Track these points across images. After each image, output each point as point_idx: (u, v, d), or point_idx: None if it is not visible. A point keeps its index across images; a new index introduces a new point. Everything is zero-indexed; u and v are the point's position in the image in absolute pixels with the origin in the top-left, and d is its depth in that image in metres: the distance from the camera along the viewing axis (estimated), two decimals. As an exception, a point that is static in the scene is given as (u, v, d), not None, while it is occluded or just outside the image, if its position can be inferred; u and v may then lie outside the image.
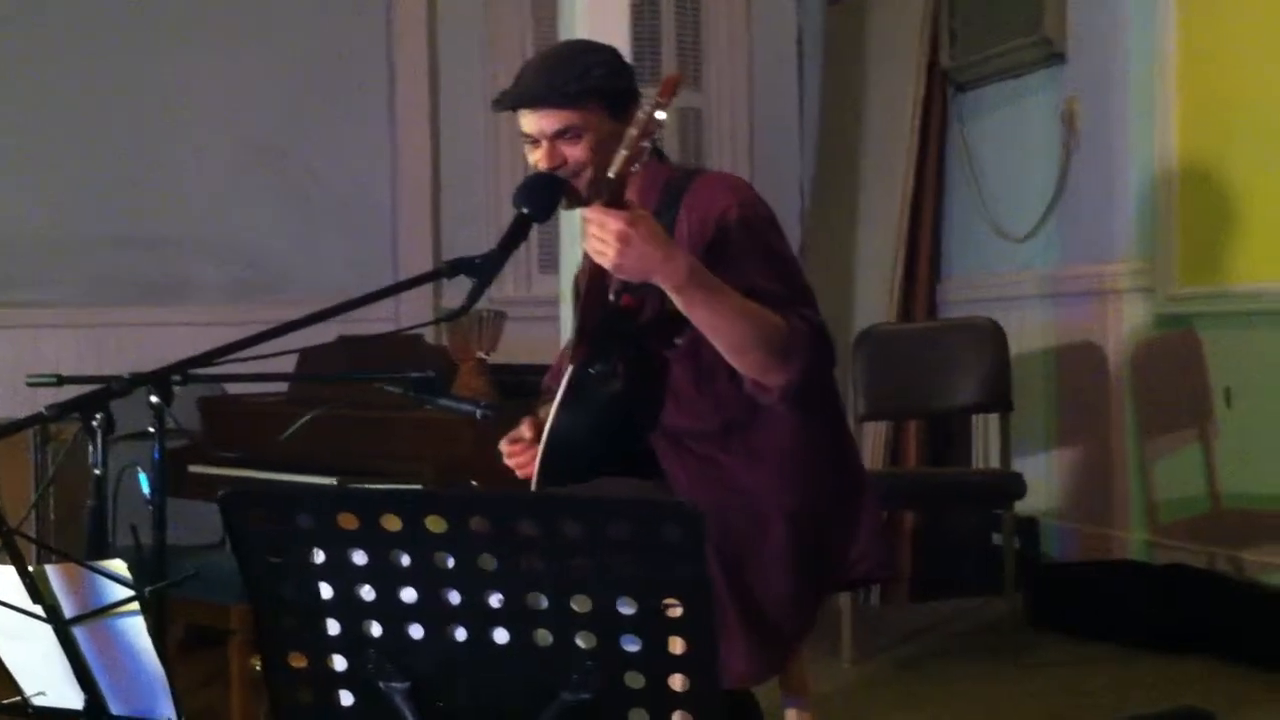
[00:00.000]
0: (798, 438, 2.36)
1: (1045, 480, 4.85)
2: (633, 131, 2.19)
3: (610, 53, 2.50)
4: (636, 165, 2.21)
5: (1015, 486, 4.12)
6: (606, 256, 2.16)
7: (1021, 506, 4.29)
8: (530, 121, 2.40)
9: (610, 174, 2.21)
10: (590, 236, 2.17)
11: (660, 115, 2.17)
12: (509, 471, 2.52)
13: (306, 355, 3.63)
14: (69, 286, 5.16)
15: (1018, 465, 4.35)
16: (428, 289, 5.30)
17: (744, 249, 2.33)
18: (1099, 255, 4.76)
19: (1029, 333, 4.92)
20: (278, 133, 5.40)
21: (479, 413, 2.43)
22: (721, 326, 2.23)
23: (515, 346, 4.12)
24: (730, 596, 2.25)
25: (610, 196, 2.20)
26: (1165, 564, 4.28)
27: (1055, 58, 4.90)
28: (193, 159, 5.29)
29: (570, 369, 2.39)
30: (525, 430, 2.48)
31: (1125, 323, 4.65)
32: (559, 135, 2.38)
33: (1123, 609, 4.17)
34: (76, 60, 5.16)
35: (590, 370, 2.37)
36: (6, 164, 5.07)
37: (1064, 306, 4.92)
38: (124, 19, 5.22)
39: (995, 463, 4.63)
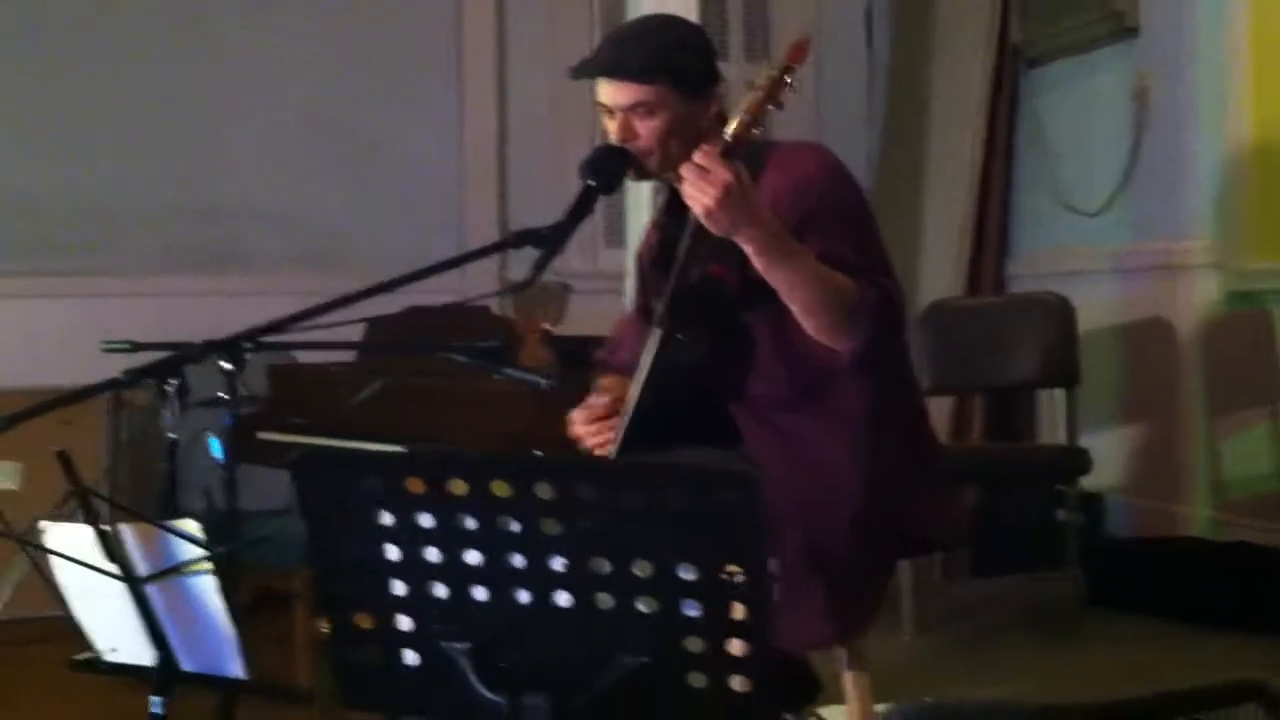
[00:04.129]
0: (872, 406, 2.38)
1: (1111, 456, 4.81)
2: (758, 94, 2.21)
3: (690, 31, 2.50)
4: (757, 129, 2.22)
5: (1080, 462, 4.10)
6: (701, 201, 2.17)
7: (1086, 482, 4.26)
8: (605, 91, 2.42)
9: (728, 136, 2.21)
10: (691, 179, 2.17)
11: (789, 79, 2.18)
12: (571, 441, 2.54)
13: (374, 325, 3.67)
14: (135, 256, 5.22)
15: (1084, 441, 4.32)
16: (493, 260, 5.32)
17: (826, 215, 2.35)
18: (1170, 232, 4.71)
19: (1098, 308, 4.88)
20: (344, 104, 5.43)
21: (543, 383, 2.45)
22: (796, 289, 2.25)
23: (580, 319, 4.14)
24: (812, 563, 2.29)
25: (724, 156, 2.19)
26: (1230, 541, 4.25)
27: (1127, 32, 4.83)
28: (259, 130, 5.34)
29: (657, 336, 2.40)
30: (600, 403, 2.50)
31: (1195, 299, 4.60)
32: (630, 109, 2.39)
33: (1186, 586, 4.14)
34: (144, 33, 5.22)
35: (678, 337, 2.39)
36: (78, 135, 5.14)
37: (1133, 282, 4.88)
38: (192, -8, 5.29)
39: (1061, 439, 4.61)
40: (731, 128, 2.22)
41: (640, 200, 4.35)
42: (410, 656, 1.70)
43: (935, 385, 4.46)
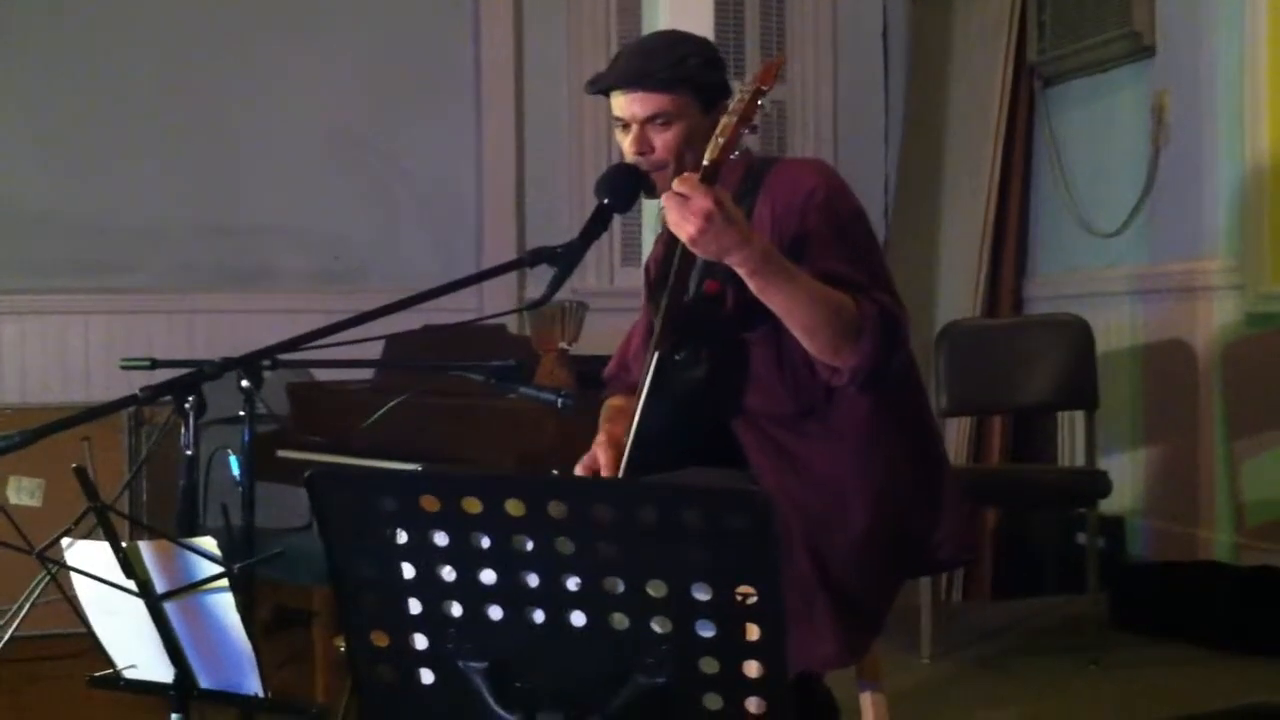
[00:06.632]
0: (875, 422, 2.37)
1: (1131, 479, 4.79)
2: (732, 118, 2.21)
3: (707, 45, 2.52)
4: (735, 153, 2.23)
5: (1099, 485, 4.08)
6: (685, 231, 2.17)
7: (1107, 505, 4.24)
8: (622, 104, 2.42)
9: (706, 161, 2.22)
10: (672, 208, 2.18)
11: (761, 101, 2.19)
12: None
13: (392, 343, 3.68)
14: (159, 273, 5.26)
15: (1104, 464, 4.30)
16: (512, 279, 5.34)
17: (823, 232, 2.34)
18: (1189, 252, 4.69)
19: (1117, 330, 4.87)
20: (364, 122, 5.47)
21: (560, 402, 2.45)
22: (793, 310, 2.25)
23: (597, 337, 4.15)
24: (819, 582, 2.27)
25: (704, 181, 2.21)
26: (1252, 566, 4.22)
27: (1144, 51, 4.83)
28: (280, 148, 5.37)
29: (654, 357, 2.40)
30: (601, 453, 2.48)
31: (1215, 321, 4.58)
32: (649, 120, 2.40)
33: (1208, 611, 4.12)
34: (167, 53, 5.26)
35: (675, 357, 2.39)
36: (101, 154, 5.18)
37: (1153, 304, 4.86)
38: (213, 9, 5.32)
39: (1080, 461, 4.59)
40: (709, 153, 2.23)
41: (656, 218, 4.37)
42: (427, 675, 1.70)
43: (952, 406, 4.45)
